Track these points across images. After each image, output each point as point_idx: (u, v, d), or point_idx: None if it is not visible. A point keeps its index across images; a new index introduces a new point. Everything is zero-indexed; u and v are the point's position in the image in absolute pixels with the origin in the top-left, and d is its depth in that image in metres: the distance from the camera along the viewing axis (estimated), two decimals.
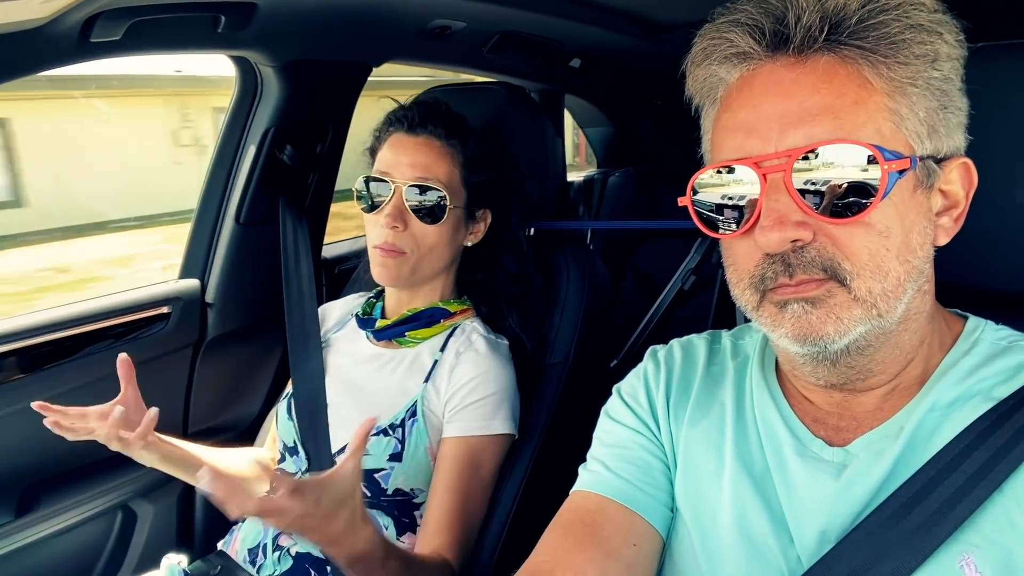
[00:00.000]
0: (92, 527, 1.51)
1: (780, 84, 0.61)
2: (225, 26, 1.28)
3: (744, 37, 0.63)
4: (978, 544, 0.58)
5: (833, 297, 0.61)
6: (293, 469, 1.25)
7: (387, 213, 1.17)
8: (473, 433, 1.16)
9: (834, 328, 0.61)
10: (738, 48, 0.64)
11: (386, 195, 1.18)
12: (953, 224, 0.66)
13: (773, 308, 0.64)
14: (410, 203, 1.18)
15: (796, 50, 0.61)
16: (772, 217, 0.60)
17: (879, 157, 0.58)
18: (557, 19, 1.70)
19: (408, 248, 1.19)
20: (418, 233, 1.19)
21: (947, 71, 0.62)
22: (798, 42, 0.61)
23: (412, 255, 1.20)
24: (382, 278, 1.22)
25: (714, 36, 0.66)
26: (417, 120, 1.21)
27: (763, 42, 0.63)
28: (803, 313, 0.62)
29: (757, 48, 0.63)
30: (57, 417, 1.06)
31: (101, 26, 1.11)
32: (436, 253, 1.22)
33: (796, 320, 0.62)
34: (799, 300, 0.61)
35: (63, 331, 1.42)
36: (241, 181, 1.60)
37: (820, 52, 0.61)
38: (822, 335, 0.61)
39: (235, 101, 1.60)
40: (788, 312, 0.62)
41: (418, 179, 1.18)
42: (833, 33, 0.60)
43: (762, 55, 0.63)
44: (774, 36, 0.62)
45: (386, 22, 1.51)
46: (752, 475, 0.71)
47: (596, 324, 1.36)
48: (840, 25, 0.60)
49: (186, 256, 1.67)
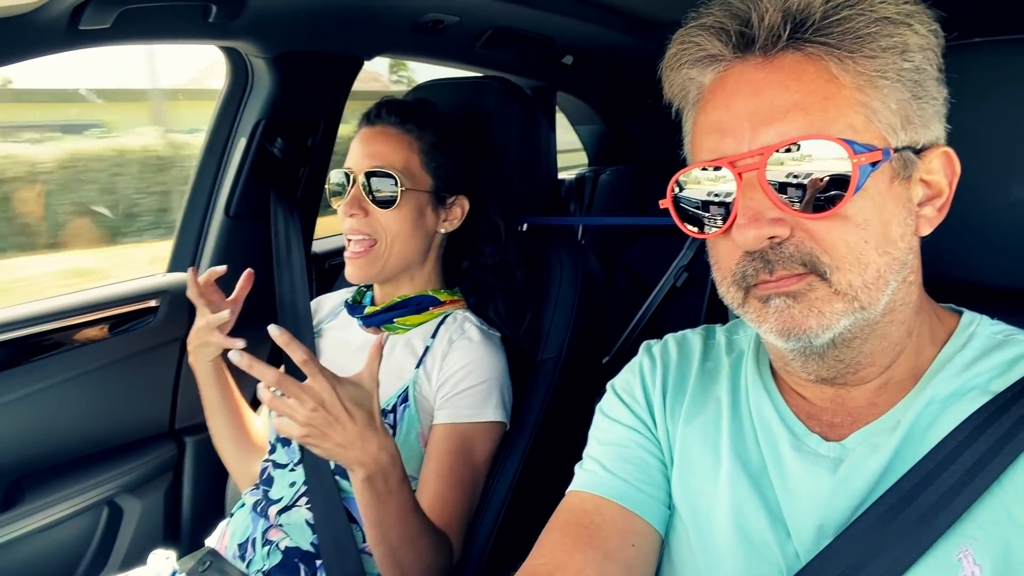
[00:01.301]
0: (78, 523, 1.49)
1: (750, 84, 0.62)
2: (216, 16, 1.27)
3: (712, 40, 0.64)
4: (976, 536, 0.58)
5: (814, 291, 0.61)
6: (285, 460, 1.24)
7: (347, 202, 1.22)
8: (464, 420, 1.16)
9: (816, 322, 0.61)
10: (707, 51, 0.65)
11: (347, 186, 1.23)
12: (936, 214, 0.66)
13: (757, 303, 0.64)
14: (367, 190, 1.21)
15: (762, 50, 0.62)
16: (748, 215, 0.61)
17: (848, 151, 0.59)
18: (550, 15, 1.70)
19: (375, 234, 1.22)
20: (382, 219, 1.22)
21: (919, 61, 0.62)
22: (763, 42, 0.62)
23: (381, 243, 1.22)
24: (354, 276, 1.24)
25: (684, 40, 0.67)
26: (375, 113, 1.26)
27: (730, 44, 0.64)
28: (785, 308, 0.62)
29: (725, 50, 0.64)
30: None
31: (91, 14, 1.10)
32: (401, 239, 1.23)
33: (779, 315, 0.62)
34: (780, 295, 0.62)
35: (49, 324, 1.40)
36: (231, 174, 1.59)
37: (786, 51, 0.62)
38: (805, 329, 0.62)
39: (225, 93, 1.58)
40: (771, 307, 0.63)
41: (373, 167, 1.21)
42: (797, 31, 0.61)
43: (731, 57, 0.64)
44: (740, 38, 0.63)
45: (379, 15, 1.50)
46: (749, 471, 0.71)
47: (589, 319, 1.36)
48: (804, 23, 0.61)
49: (175, 249, 1.66)
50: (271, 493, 1.22)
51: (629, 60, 2.19)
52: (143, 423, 1.59)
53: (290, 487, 1.21)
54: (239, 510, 1.26)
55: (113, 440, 1.53)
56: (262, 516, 1.20)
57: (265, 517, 1.20)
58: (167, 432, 1.63)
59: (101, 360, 1.48)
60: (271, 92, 1.54)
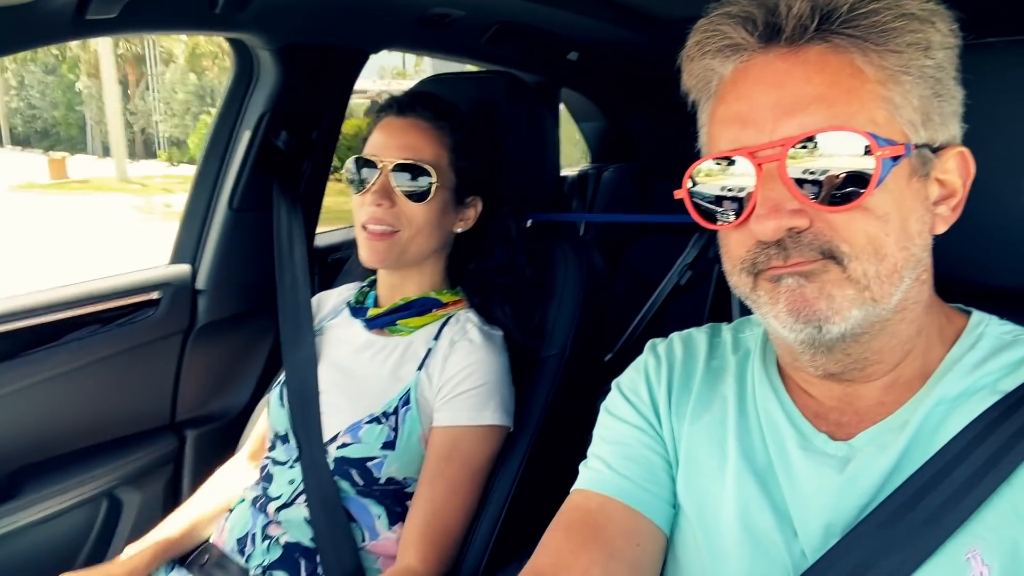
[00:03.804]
0: (76, 515, 1.49)
1: (773, 75, 0.62)
2: (223, 6, 1.26)
3: (737, 29, 0.64)
4: (985, 536, 0.58)
5: (827, 272, 0.61)
6: (284, 457, 1.24)
7: (374, 191, 1.18)
8: (462, 423, 1.15)
9: (826, 304, 0.61)
10: (731, 40, 0.64)
11: (374, 176, 1.19)
12: (951, 213, 0.66)
13: (768, 284, 0.64)
14: (397, 182, 1.19)
15: (788, 40, 0.62)
16: (767, 206, 0.60)
17: (873, 144, 0.58)
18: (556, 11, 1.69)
19: (398, 224, 1.19)
20: (406, 211, 1.19)
21: (940, 59, 0.62)
22: (790, 32, 0.62)
23: (403, 232, 1.20)
24: (370, 260, 1.21)
25: (707, 29, 0.66)
26: (407, 102, 1.23)
27: (756, 33, 0.63)
28: (797, 287, 0.62)
29: (750, 39, 0.64)
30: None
31: (97, 3, 1.09)
32: (425, 233, 1.21)
33: (791, 294, 0.62)
34: (793, 274, 0.62)
35: (49, 315, 1.39)
36: (235, 166, 1.58)
37: (812, 42, 0.61)
38: (815, 311, 0.61)
39: (231, 85, 1.58)
40: (783, 286, 0.62)
41: (405, 158, 1.18)
42: (824, 22, 0.61)
43: (755, 46, 0.64)
44: (766, 27, 0.63)
45: (385, 8, 1.50)
46: (755, 470, 0.71)
47: (593, 317, 1.36)
48: (832, 14, 0.61)
49: (177, 241, 1.65)
50: (270, 490, 1.22)
51: (635, 57, 2.18)
52: (144, 416, 1.59)
53: (289, 484, 1.20)
54: (239, 505, 1.25)
55: (113, 432, 1.53)
56: (261, 512, 1.20)
57: (264, 513, 1.20)
58: (168, 425, 1.63)
59: (102, 352, 1.47)
60: (276, 84, 1.54)
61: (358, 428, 1.16)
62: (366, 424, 1.16)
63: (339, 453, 1.16)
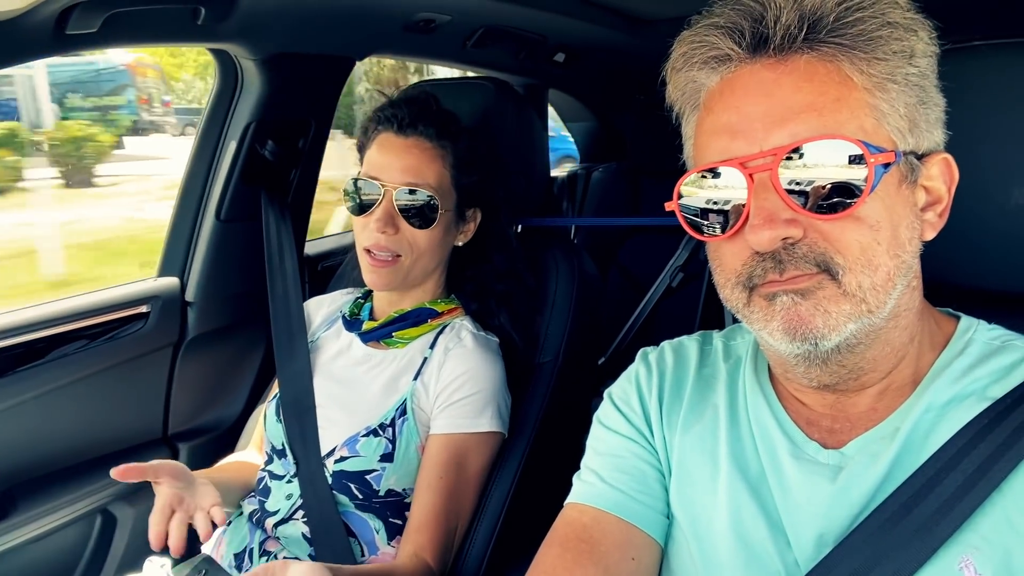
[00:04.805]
0: (71, 532, 1.48)
1: (762, 84, 0.62)
2: (205, 18, 1.25)
3: (724, 39, 0.63)
4: (977, 545, 0.58)
5: (823, 289, 0.61)
6: (281, 472, 1.23)
7: (377, 217, 1.16)
8: (458, 430, 1.15)
9: (823, 321, 0.61)
10: (718, 51, 0.64)
11: (376, 198, 1.16)
12: (938, 219, 0.66)
13: (763, 302, 0.63)
14: (400, 207, 1.16)
15: (776, 50, 0.62)
16: (762, 216, 0.60)
17: (865, 151, 0.58)
18: (541, 13, 1.69)
19: (401, 250, 1.18)
20: (409, 237, 1.18)
21: (923, 67, 0.62)
22: (778, 42, 0.61)
23: (406, 259, 1.18)
24: (375, 285, 1.21)
25: (693, 40, 0.66)
26: (408, 120, 1.18)
27: (743, 43, 0.63)
28: (792, 305, 0.61)
29: (737, 50, 0.63)
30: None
31: (77, 18, 1.08)
32: (428, 256, 1.21)
33: (786, 312, 0.62)
34: (788, 292, 0.61)
35: (37, 332, 1.38)
36: (222, 177, 1.57)
37: (799, 51, 0.61)
38: (811, 328, 0.61)
39: (215, 95, 1.57)
40: (778, 304, 0.62)
41: (408, 183, 1.16)
42: (812, 32, 0.61)
43: (742, 57, 0.63)
44: (754, 37, 0.62)
45: (370, 15, 1.49)
46: (747, 479, 0.71)
47: (586, 322, 1.36)
48: (818, 24, 0.60)
49: (165, 253, 1.64)
50: (267, 504, 1.21)
51: (621, 56, 2.18)
52: (136, 430, 1.58)
53: (287, 499, 1.19)
54: (236, 519, 1.24)
55: (106, 448, 1.52)
56: (259, 527, 1.19)
57: (262, 528, 1.19)
58: (160, 439, 1.62)
59: (92, 367, 1.46)
60: (261, 94, 1.52)
61: (355, 441, 1.16)
62: (363, 437, 1.16)
63: (337, 467, 1.16)
